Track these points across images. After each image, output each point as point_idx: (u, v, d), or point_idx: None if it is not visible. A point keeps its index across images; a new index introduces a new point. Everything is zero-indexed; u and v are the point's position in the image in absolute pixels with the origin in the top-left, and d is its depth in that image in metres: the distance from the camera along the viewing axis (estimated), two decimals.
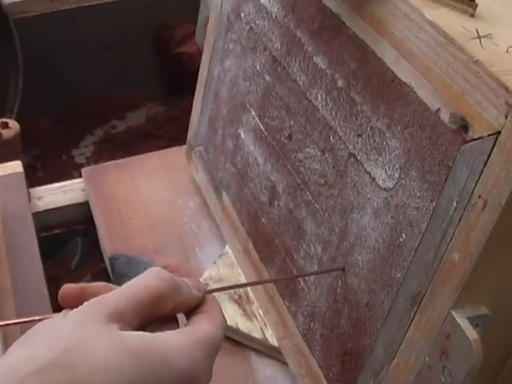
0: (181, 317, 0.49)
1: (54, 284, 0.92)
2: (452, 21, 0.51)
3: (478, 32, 0.50)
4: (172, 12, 1.65)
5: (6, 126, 1.12)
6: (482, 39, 0.50)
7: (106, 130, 1.68)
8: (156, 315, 0.45)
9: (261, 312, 0.79)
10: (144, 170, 1.01)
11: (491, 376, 0.57)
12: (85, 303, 0.43)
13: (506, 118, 0.44)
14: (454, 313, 0.50)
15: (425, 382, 0.53)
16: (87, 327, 0.41)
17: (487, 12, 0.54)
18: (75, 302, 0.44)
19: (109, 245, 0.90)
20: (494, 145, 0.45)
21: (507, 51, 0.49)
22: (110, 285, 0.47)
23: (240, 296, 0.81)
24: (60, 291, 0.46)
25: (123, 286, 0.45)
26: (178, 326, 0.47)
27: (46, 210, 1.00)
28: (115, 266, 0.87)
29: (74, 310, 0.43)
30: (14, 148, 1.13)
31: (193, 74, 1.60)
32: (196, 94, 0.94)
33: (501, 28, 0.52)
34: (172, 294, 0.46)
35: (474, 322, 0.50)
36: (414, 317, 0.54)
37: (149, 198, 0.97)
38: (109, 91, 1.66)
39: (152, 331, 0.44)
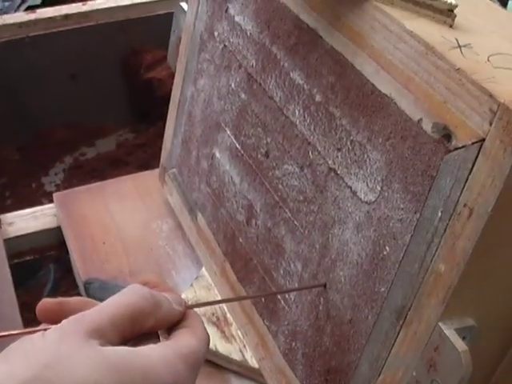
0: (163, 333, 0.48)
1: (26, 311, 0.90)
2: (431, 31, 0.51)
3: (458, 41, 0.50)
4: (141, 37, 1.64)
5: None
6: (463, 48, 0.50)
7: (75, 157, 1.66)
8: (136, 332, 0.45)
9: (240, 333, 0.78)
10: (117, 194, 1.00)
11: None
12: (64, 321, 0.42)
13: (491, 124, 0.44)
14: (441, 325, 0.49)
15: None
16: (67, 344, 0.40)
17: (465, 23, 0.54)
18: (53, 316, 0.44)
19: (82, 270, 0.89)
20: (479, 152, 0.45)
21: (488, 60, 0.49)
22: (89, 299, 0.47)
23: (218, 318, 0.79)
24: (38, 305, 0.45)
25: (102, 303, 0.45)
26: (159, 342, 0.46)
27: (17, 236, 0.99)
28: (89, 290, 0.86)
29: (53, 327, 0.42)
30: None
31: (163, 99, 1.60)
32: (169, 115, 0.93)
33: (480, 38, 0.52)
34: (152, 310, 0.45)
35: (462, 333, 0.50)
36: (399, 331, 0.53)
37: (122, 221, 0.95)
38: (78, 118, 1.65)
39: (133, 347, 0.43)
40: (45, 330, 0.42)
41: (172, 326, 0.48)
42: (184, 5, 0.86)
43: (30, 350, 0.40)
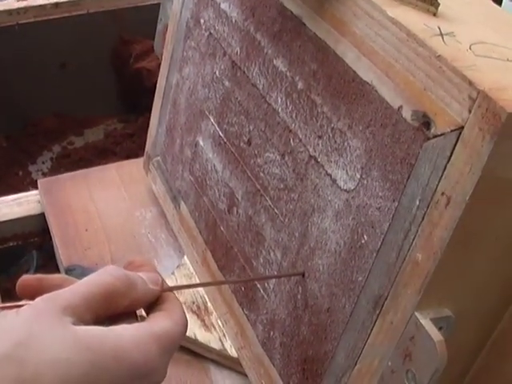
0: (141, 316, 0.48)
1: (8, 298, 0.89)
2: (414, 19, 0.51)
3: (440, 29, 0.50)
4: (131, 27, 1.63)
5: None
6: (445, 37, 0.49)
7: (63, 146, 1.65)
8: (111, 311, 0.44)
9: (219, 322, 0.77)
10: (101, 182, 1.00)
11: (455, 382, 0.56)
12: (37, 298, 0.42)
13: (470, 112, 0.43)
14: (417, 314, 0.49)
15: None
16: (39, 322, 0.40)
17: (448, 12, 0.54)
18: (33, 292, 0.44)
19: (65, 256, 0.88)
20: (458, 140, 0.44)
21: (470, 48, 0.49)
22: (68, 277, 0.47)
23: (198, 307, 0.79)
24: (18, 281, 0.45)
25: (76, 284, 0.45)
26: (136, 322, 0.46)
27: (0, 222, 0.98)
28: (71, 277, 0.85)
29: (27, 305, 0.42)
30: None
31: (152, 89, 1.59)
32: (154, 104, 0.93)
33: (463, 27, 0.52)
34: (126, 290, 0.45)
35: (438, 324, 0.49)
36: (376, 320, 0.52)
37: (106, 209, 0.95)
38: (67, 107, 1.64)
39: (108, 326, 0.43)
40: (19, 306, 0.42)
41: (149, 307, 0.48)
42: None
43: (3, 327, 0.40)
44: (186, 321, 0.48)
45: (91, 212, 0.95)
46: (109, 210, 0.95)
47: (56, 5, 1.58)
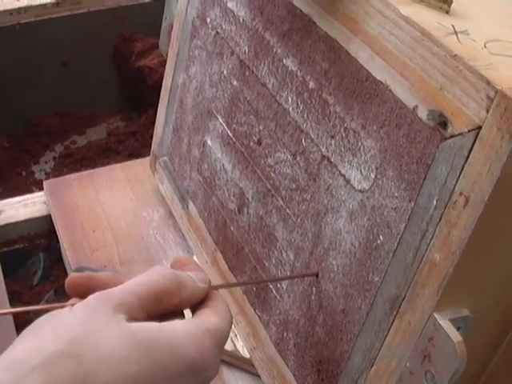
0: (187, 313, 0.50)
1: (15, 300, 0.89)
2: (427, 17, 0.50)
3: (454, 28, 0.49)
4: (132, 25, 1.63)
5: None
6: (459, 35, 0.49)
7: (66, 146, 1.65)
8: (162, 310, 0.46)
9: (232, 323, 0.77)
10: (107, 182, 0.99)
11: (472, 381, 0.56)
12: (90, 296, 0.43)
13: (487, 112, 0.43)
14: (436, 315, 0.48)
15: None
16: (94, 319, 0.41)
17: (460, 9, 0.53)
18: (82, 290, 0.45)
19: (72, 258, 0.88)
20: (475, 140, 0.44)
21: (485, 46, 0.48)
22: (114, 275, 0.48)
23: None
24: (67, 279, 0.46)
25: (127, 282, 0.46)
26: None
27: (6, 224, 0.98)
28: None
29: (80, 302, 0.43)
30: None
31: (154, 87, 1.59)
32: (160, 103, 0.92)
33: (476, 24, 0.52)
34: (176, 289, 0.46)
35: (456, 323, 0.49)
36: (393, 321, 0.52)
37: (113, 210, 0.95)
38: (69, 106, 1.64)
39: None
40: (72, 305, 0.43)
41: (197, 305, 0.49)
42: None
43: (59, 325, 0.41)
44: (231, 317, 0.50)
45: (98, 213, 0.94)
46: (116, 210, 0.95)
47: (57, 3, 1.57)
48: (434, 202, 0.47)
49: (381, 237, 0.53)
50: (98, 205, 0.95)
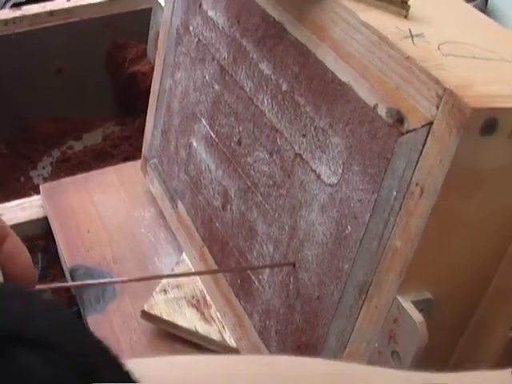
0: None
1: None
2: (386, 22, 0.54)
3: (410, 31, 0.53)
4: (124, 32, 1.66)
5: None
6: (415, 38, 0.53)
7: (62, 151, 1.69)
8: None
9: (219, 315, 0.81)
10: (101, 185, 1.03)
11: (442, 359, 0.60)
12: None
13: (438, 108, 0.47)
14: (399, 298, 0.52)
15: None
16: None
17: (419, 13, 0.57)
18: None
19: (68, 257, 0.92)
20: (428, 135, 0.48)
21: (438, 48, 0.52)
22: None
23: (198, 300, 0.83)
24: None
25: None
26: None
27: None
28: (75, 277, 0.89)
29: None
30: None
31: (147, 92, 1.62)
32: (149, 107, 0.96)
33: (432, 27, 0.56)
34: None
35: (419, 306, 0.53)
36: (362, 305, 0.56)
37: (106, 211, 0.98)
38: (65, 112, 1.67)
39: None
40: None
41: None
42: (161, 1, 0.88)
43: None
44: None
45: (92, 214, 0.98)
46: (109, 211, 0.98)
47: (50, 13, 1.61)
48: (394, 193, 0.51)
49: (349, 227, 0.57)
50: (92, 206, 0.99)
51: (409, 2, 0.56)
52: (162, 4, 0.87)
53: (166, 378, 0.40)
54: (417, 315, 0.51)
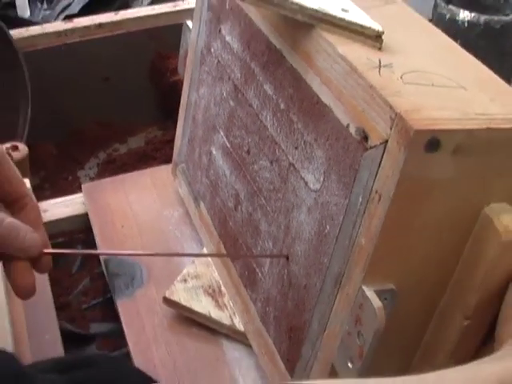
0: None
1: (55, 286, 1.05)
2: (360, 54, 0.64)
3: (380, 62, 0.63)
4: (167, 43, 1.78)
5: (15, 148, 1.25)
6: (383, 68, 0.63)
7: (108, 153, 1.81)
8: None
9: (230, 303, 0.91)
10: (136, 186, 1.15)
11: (408, 348, 0.69)
12: None
13: (391, 129, 0.57)
14: (363, 287, 0.62)
15: (345, 346, 0.65)
16: None
17: (393, 44, 0.67)
18: None
19: (104, 249, 1.03)
20: (384, 151, 0.58)
21: (401, 77, 0.62)
22: None
23: (214, 290, 0.93)
24: None
25: None
26: None
27: (50, 221, 1.13)
28: (109, 267, 1.01)
29: None
30: (23, 168, 1.26)
31: None
32: (179, 118, 1.07)
33: (402, 58, 0.65)
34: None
35: (382, 295, 0.62)
36: (337, 293, 0.66)
37: (139, 209, 1.10)
38: (111, 117, 1.79)
39: None
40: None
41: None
42: (189, 23, 1.00)
43: None
44: None
45: (127, 211, 1.10)
46: (142, 209, 1.10)
47: (99, 25, 1.73)
48: (360, 199, 0.61)
49: (328, 226, 0.67)
50: (127, 205, 1.11)
51: (383, 36, 0.66)
52: (190, 26, 0.98)
53: None
54: (377, 302, 0.61)
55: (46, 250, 0.64)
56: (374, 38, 0.66)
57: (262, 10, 0.76)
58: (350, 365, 0.65)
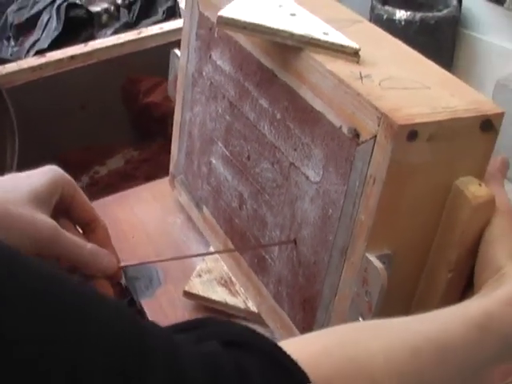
0: None
1: None
2: (344, 68, 0.80)
3: (360, 74, 0.79)
4: (136, 68, 1.91)
5: None
6: (364, 79, 0.78)
7: (90, 176, 1.92)
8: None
9: (242, 290, 1.06)
10: (138, 199, 1.28)
11: (407, 297, 0.84)
12: None
13: (379, 126, 0.72)
14: (367, 254, 0.77)
15: (356, 304, 0.80)
16: None
17: (368, 58, 0.82)
18: None
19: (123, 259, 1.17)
20: (374, 143, 0.73)
21: (380, 84, 0.77)
22: None
23: (226, 281, 1.08)
24: None
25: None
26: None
27: None
28: (127, 272, 1.14)
29: None
30: None
31: (160, 119, 1.89)
32: (173, 135, 1.22)
33: (377, 68, 0.81)
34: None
35: (382, 259, 0.77)
36: (344, 263, 0.81)
37: (145, 219, 1.24)
38: (90, 141, 1.91)
39: None
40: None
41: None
42: (177, 51, 1.14)
43: None
44: None
45: (134, 223, 1.23)
46: (148, 219, 1.23)
47: (72, 57, 1.85)
48: (357, 184, 0.76)
49: (330, 210, 0.82)
50: (134, 217, 1.25)
51: (360, 53, 0.82)
52: (178, 54, 1.12)
53: None
54: (379, 264, 0.76)
55: (119, 265, 0.78)
56: (353, 54, 0.81)
57: (253, 37, 0.90)
58: (361, 319, 0.80)
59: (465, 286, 0.82)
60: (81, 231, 0.86)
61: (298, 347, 0.57)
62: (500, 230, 0.77)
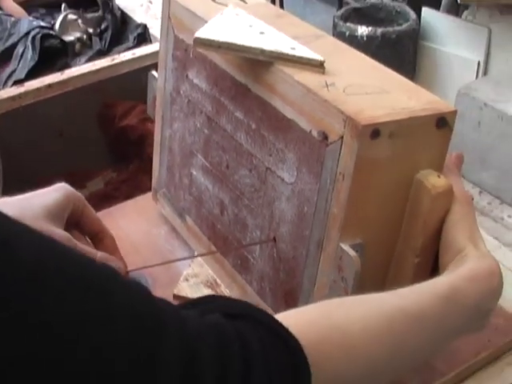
0: None
1: None
2: (311, 78, 0.88)
3: (326, 83, 0.88)
4: (111, 93, 1.98)
5: None
6: (329, 87, 0.87)
7: None
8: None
9: (228, 290, 1.14)
10: (123, 214, 1.36)
11: (379, 281, 0.92)
12: None
13: (345, 128, 0.81)
14: (341, 244, 0.85)
15: (333, 290, 0.88)
16: None
17: (332, 68, 0.91)
18: None
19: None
20: (342, 143, 0.82)
21: (344, 91, 0.86)
22: None
23: (211, 283, 1.16)
24: None
25: None
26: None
27: None
28: None
29: None
30: None
31: (137, 141, 1.97)
32: (154, 152, 1.30)
33: (340, 77, 0.89)
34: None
35: (355, 248, 0.86)
36: (320, 255, 0.89)
37: (130, 232, 1.31)
38: (69, 167, 1.97)
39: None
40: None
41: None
42: (154, 73, 1.23)
43: None
44: None
45: (121, 236, 1.30)
46: (133, 232, 1.31)
47: (49, 85, 1.92)
48: (328, 181, 0.85)
49: (305, 207, 0.90)
50: (120, 231, 1.32)
51: (324, 64, 0.91)
52: (155, 75, 1.21)
53: None
54: (352, 253, 0.84)
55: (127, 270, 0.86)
56: (319, 66, 0.90)
57: (227, 55, 0.99)
58: None
59: (431, 269, 0.90)
60: (90, 241, 0.94)
61: (291, 319, 0.66)
62: (459, 216, 0.86)
